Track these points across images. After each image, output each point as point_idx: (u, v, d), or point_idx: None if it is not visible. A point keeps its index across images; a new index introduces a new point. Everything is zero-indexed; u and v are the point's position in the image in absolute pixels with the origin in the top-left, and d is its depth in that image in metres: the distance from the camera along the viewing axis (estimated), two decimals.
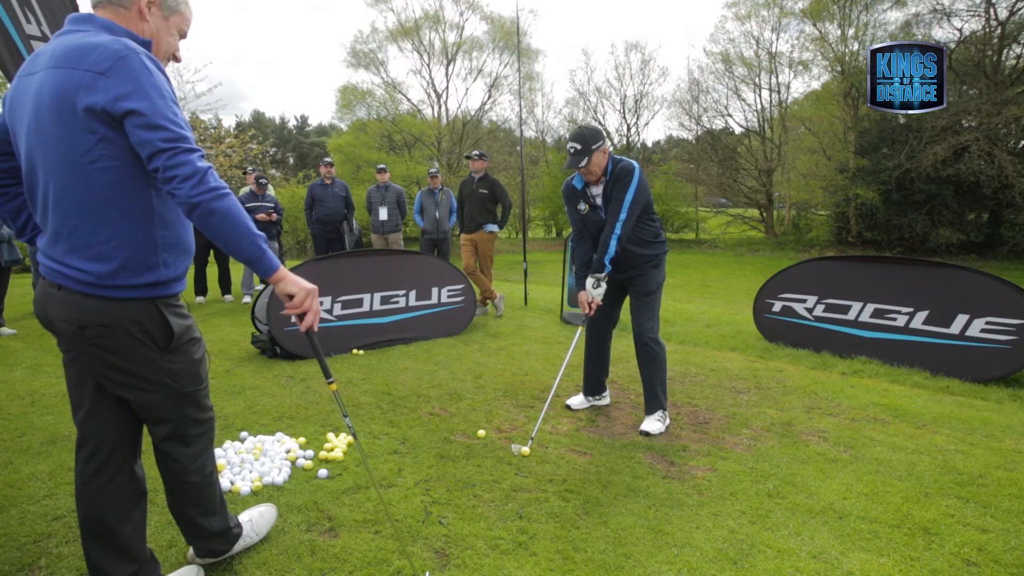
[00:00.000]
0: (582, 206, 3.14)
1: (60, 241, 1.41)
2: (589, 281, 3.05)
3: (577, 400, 3.49)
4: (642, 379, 3.21)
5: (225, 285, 7.42)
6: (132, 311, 1.44)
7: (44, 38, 3.64)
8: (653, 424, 3.09)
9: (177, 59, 1.62)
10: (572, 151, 2.94)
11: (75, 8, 3.76)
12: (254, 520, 2.01)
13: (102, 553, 1.60)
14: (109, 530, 1.60)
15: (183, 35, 1.60)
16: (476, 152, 6.42)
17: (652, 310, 3.15)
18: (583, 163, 2.92)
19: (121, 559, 1.62)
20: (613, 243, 2.96)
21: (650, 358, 3.14)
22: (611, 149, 3.02)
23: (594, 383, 3.47)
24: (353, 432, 1.83)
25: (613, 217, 2.96)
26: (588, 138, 2.92)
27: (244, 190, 7.31)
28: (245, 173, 8.08)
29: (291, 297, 1.53)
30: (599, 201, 3.07)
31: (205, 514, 1.77)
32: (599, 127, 3.00)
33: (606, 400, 3.56)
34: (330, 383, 1.71)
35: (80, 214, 1.38)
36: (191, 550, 1.87)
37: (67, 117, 1.33)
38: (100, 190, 1.37)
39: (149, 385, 1.53)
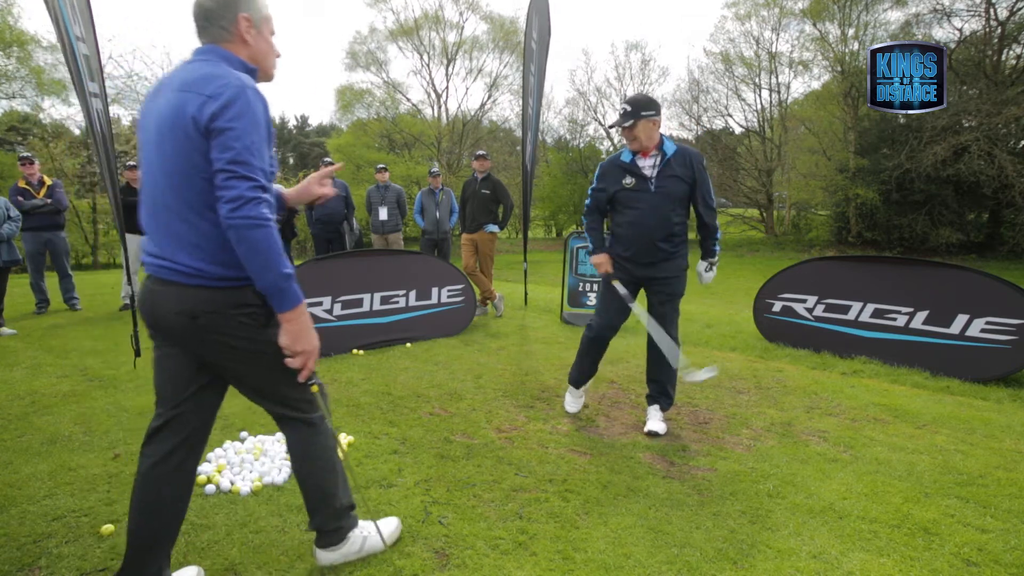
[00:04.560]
0: (628, 180, 3.02)
1: (170, 240, 1.58)
2: (703, 265, 3.17)
3: (573, 403, 3.41)
4: None
5: None
6: (235, 297, 1.60)
7: (82, 38, 3.81)
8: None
9: (277, 55, 1.76)
10: (622, 111, 2.93)
11: (89, 8, 3.88)
12: (372, 535, 1.99)
13: (144, 542, 1.66)
14: (160, 517, 1.67)
15: (273, 34, 1.76)
16: (482, 151, 6.45)
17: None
18: (628, 123, 2.89)
19: (161, 551, 1.69)
20: (717, 226, 3.13)
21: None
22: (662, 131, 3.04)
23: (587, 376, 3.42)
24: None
25: (711, 201, 3.08)
26: (641, 104, 2.90)
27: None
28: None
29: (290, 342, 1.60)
30: (648, 172, 2.98)
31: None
32: (656, 100, 3.03)
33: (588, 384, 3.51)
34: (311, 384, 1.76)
35: (184, 217, 1.55)
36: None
37: (180, 132, 1.50)
38: (202, 196, 1.52)
39: (253, 357, 1.67)
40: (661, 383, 3.18)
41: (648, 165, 2.98)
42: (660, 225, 2.98)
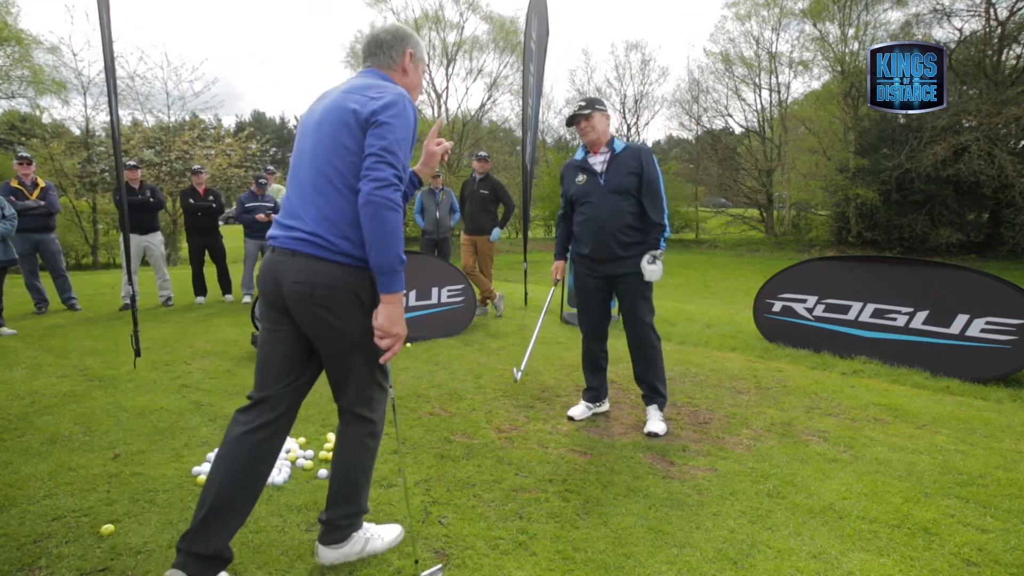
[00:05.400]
0: (580, 177, 3.20)
1: (311, 214, 1.72)
2: (646, 257, 3.05)
3: (579, 410, 3.39)
4: None
5: (225, 285, 7.41)
6: (353, 277, 1.72)
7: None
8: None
9: (421, 90, 2.03)
10: (579, 107, 3.15)
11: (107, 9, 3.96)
12: (374, 538, 2.01)
13: (221, 506, 1.69)
14: (243, 483, 1.72)
15: (425, 73, 2.04)
16: (483, 152, 6.47)
17: None
18: (587, 112, 3.10)
19: (234, 520, 1.73)
20: (665, 224, 3.12)
21: None
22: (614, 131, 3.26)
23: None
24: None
25: (657, 197, 3.10)
26: (594, 100, 3.18)
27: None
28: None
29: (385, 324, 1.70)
30: (598, 168, 3.15)
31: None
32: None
33: (605, 407, 3.52)
34: None
35: (324, 191, 1.71)
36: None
37: (338, 119, 1.71)
38: (343, 174, 1.70)
39: (349, 341, 1.76)
40: (650, 382, 3.20)
41: (598, 161, 3.16)
42: (613, 217, 3.07)
